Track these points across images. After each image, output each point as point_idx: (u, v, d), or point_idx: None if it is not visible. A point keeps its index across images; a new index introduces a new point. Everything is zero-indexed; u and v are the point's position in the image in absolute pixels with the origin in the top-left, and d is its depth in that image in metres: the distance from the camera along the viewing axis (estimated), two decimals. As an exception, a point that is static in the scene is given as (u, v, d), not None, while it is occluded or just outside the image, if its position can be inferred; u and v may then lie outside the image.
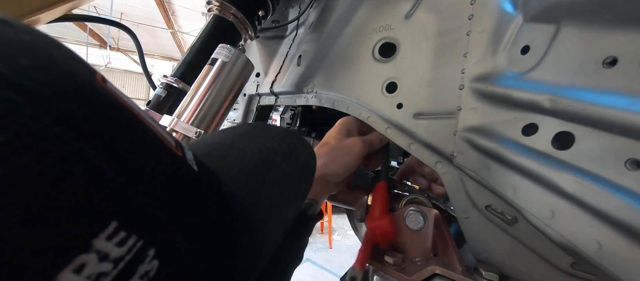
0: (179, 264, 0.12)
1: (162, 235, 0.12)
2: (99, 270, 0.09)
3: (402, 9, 0.50)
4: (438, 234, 0.46)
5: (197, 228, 0.14)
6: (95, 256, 0.09)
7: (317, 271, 2.75)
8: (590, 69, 0.31)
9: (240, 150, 0.24)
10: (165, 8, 4.41)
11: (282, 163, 0.23)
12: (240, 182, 0.20)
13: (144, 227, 0.11)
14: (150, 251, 0.11)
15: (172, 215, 0.12)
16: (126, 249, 0.10)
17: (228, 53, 0.53)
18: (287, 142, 0.25)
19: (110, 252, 0.09)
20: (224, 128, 0.34)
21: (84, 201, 0.09)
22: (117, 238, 0.10)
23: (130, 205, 0.10)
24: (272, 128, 0.31)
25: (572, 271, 0.35)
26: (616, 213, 0.28)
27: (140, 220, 0.11)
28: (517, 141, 0.36)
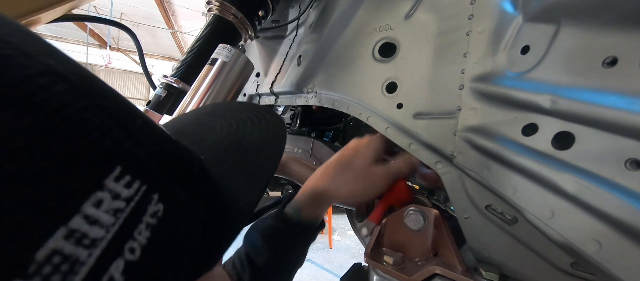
0: (181, 209, 0.14)
1: (162, 184, 0.13)
2: (114, 206, 0.11)
3: (402, 9, 0.50)
4: (438, 234, 0.46)
5: (190, 184, 0.15)
6: (108, 195, 0.11)
7: (317, 271, 2.75)
8: (590, 69, 0.31)
9: (208, 126, 0.25)
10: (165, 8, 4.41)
11: (253, 131, 0.24)
12: (216, 152, 0.21)
13: (145, 174, 0.12)
14: (154, 195, 0.12)
15: (168, 171, 0.14)
16: (133, 191, 0.12)
17: (228, 53, 0.53)
18: (253, 112, 0.26)
19: (121, 192, 0.11)
20: (185, 113, 0.35)
21: (91, 147, 0.11)
22: (124, 180, 0.11)
23: (129, 154, 0.12)
24: (235, 103, 0.32)
25: (572, 271, 0.35)
26: (616, 213, 0.28)
27: (141, 167, 0.12)
28: (517, 141, 0.36)
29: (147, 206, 0.12)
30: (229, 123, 0.25)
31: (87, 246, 0.10)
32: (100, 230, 0.10)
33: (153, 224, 0.12)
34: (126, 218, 0.11)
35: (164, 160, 0.14)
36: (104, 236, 0.10)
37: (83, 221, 0.10)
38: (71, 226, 0.09)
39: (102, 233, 0.10)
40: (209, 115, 0.28)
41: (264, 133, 0.24)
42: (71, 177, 0.10)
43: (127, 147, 0.12)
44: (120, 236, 0.11)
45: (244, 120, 0.25)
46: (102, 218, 0.10)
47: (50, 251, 0.09)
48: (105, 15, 4.33)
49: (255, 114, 0.26)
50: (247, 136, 0.24)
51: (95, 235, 0.10)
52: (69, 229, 0.09)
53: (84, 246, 0.10)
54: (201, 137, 0.23)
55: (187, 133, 0.23)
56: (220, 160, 0.20)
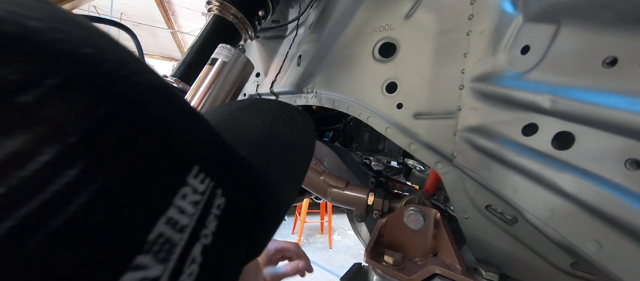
0: (237, 203, 0.16)
1: (224, 181, 0.15)
2: (194, 199, 0.13)
3: (402, 9, 0.50)
4: (438, 234, 0.46)
5: (240, 179, 0.17)
6: (190, 189, 0.13)
7: (317, 271, 2.75)
8: (590, 68, 0.31)
9: (243, 123, 0.26)
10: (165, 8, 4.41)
11: (285, 130, 0.26)
12: (253, 148, 0.22)
13: (213, 172, 0.14)
14: (218, 190, 0.14)
15: (224, 169, 0.16)
16: (205, 186, 0.14)
17: (228, 53, 0.53)
18: (283, 110, 0.28)
19: (198, 187, 0.13)
20: (216, 106, 0.34)
21: (179, 150, 0.13)
22: (199, 178, 0.13)
23: (202, 155, 0.14)
24: (264, 101, 0.33)
25: (572, 271, 0.35)
26: (616, 213, 0.28)
27: (210, 166, 0.14)
28: (517, 141, 0.36)
29: (214, 200, 0.14)
30: (262, 120, 0.26)
31: (179, 231, 0.12)
32: (186, 218, 0.12)
33: (218, 215, 0.14)
34: (202, 209, 0.13)
35: (222, 159, 0.16)
36: (188, 224, 0.13)
37: (176, 210, 0.12)
38: (169, 215, 0.12)
39: (187, 221, 0.12)
40: (242, 111, 0.29)
41: (296, 132, 0.26)
42: (167, 176, 0.12)
43: (201, 149, 0.14)
44: (199, 224, 0.13)
45: (275, 118, 0.26)
46: (187, 209, 0.13)
47: (157, 234, 0.11)
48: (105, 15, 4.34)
49: (286, 113, 0.27)
50: (281, 134, 0.25)
51: (183, 222, 0.12)
52: (167, 217, 0.12)
53: (177, 230, 0.12)
54: (238, 133, 0.25)
55: (225, 129, 0.24)
56: (258, 157, 0.21)
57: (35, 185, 0.08)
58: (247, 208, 0.17)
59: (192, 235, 0.13)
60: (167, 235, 0.11)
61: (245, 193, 0.17)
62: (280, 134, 0.25)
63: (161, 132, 0.12)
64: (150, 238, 0.11)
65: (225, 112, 0.29)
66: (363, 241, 0.87)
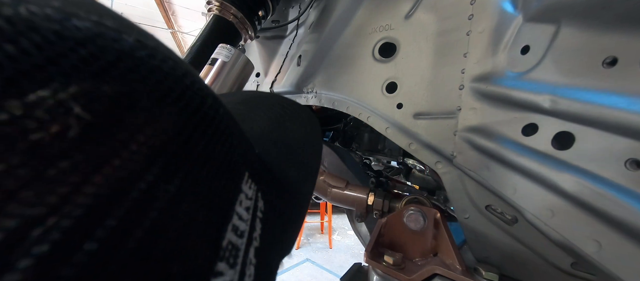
0: (271, 205, 0.17)
1: (262, 183, 0.16)
2: (247, 205, 0.13)
3: (402, 9, 0.50)
4: (438, 234, 0.46)
5: (270, 181, 0.18)
6: (244, 195, 0.13)
7: (317, 271, 2.75)
8: (590, 68, 0.31)
9: (250, 119, 0.25)
10: (165, 8, 4.41)
11: (293, 126, 0.25)
12: (265, 148, 0.22)
13: (257, 177, 0.15)
14: (259, 194, 0.15)
15: (260, 170, 0.16)
16: (253, 191, 0.14)
17: (228, 53, 0.53)
18: (286, 105, 0.27)
19: (248, 192, 0.14)
20: None
21: (237, 158, 0.13)
22: (248, 183, 0.14)
23: (249, 162, 0.14)
24: (263, 95, 0.32)
25: (572, 271, 0.35)
26: (616, 213, 0.28)
27: (255, 172, 0.15)
28: (517, 141, 0.36)
29: (258, 203, 0.15)
30: (268, 117, 0.25)
31: (240, 236, 0.12)
32: (244, 224, 0.13)
33: (261, 217, 0.15)
34: (252, 214, 0.14)
35: (258, 163, 0.17)
36: (245, 228, 0.13)
37: (237, 217, 0.12)
38: (233, 223, 0.12)
39: (245, 226, 0.13)
40: (244, 105, 0.28)
41: (302, 129, 0.26)
42: (231, 183, 0.12)
43: (248, 155, 0.15)
44: (251, 228, 0.14)
45: (281, 115, 0.26)
46: (243, 215, 0.13)
47: (228, 240, 0.12)
48: (105, 15, 4.32)
49: (289, 109, 0.27)
50: (289, 132, 0.25)
51: (242, 227, 0.13)
52: (232, 224, 0.12)
53: (239, 236, 0.12)
54: (247, 129, 0.24)
55: None
56: (273, 157, 0.21)
57: (143, 200, 0.08)
58: (278, 208, 0.18)
59: (248, 239, 0.13)
60: (233, 241, 0.12)
61: (274, 193, 0.18)
62: (288, 132, 0.25)
63: (227, 140, 0.12)
64: (224, 245, 0.11)
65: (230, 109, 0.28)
66: (363, 241, 0.87)
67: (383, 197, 0.59)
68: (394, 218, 0.50)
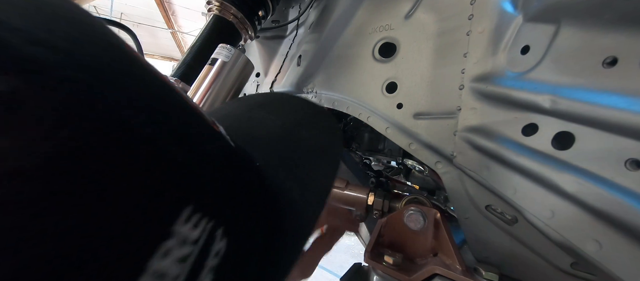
0: (242, 240, 0.12)
1: (227, 213, 0.12)
2: (181, 253, 0.09)
3: (402, 9, 0.50)
4: (438, 234, 0.46)
5: (249, 203, 0.14)
6: (177, 241, 0.09)
7: (317, 271, 2.75)
8: (590, 68, 0.31)
9: (263, 124, 0.22)
10: (165, 8, 4.41)
11: (308, 135, 0.22)
12: (271, 158, 0.18)
13: (214, 208, 0.11)
14: (219, 230, 0.11)
15: (231, 192, 0.12)
16: (200, 231, 0.10)
17: (228, 53, 0.53)
18: (306, 111, 0.24)
19: (188, 236, 0.10)
20: (237, 98, 0.31)
21: (162, 188, 0.09)
22: (192, 221, 0.10)
23: (201, 187, 0.10)
24: (285, 98, 0.28)
25: (572, 271, 0.35)
26: (616, 213, 0.28)
27: (210, 200, 0.11)
28: (517, 141, 0.36)
29: (211, 246, 0.11)
30: (283, 122, 0.22)
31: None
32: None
33: (215, 265, 0.11)
34: (192, 265, 0.10)
35: (230, 181, 0.12)
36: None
37: (149, 279, 0.08)
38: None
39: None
40: (262, 108, 0.25)
41: (320, 139, 0.22)
42: (140, 230, 0.08)
43: (201, 178, 0.11)
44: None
45: (298, 121, 0.23)
46: (169, 272, 0.09)
47: None
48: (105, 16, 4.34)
49: (309, 114, 0.24)
50: (304, 141, 0.21)
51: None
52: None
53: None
54: (256, 137, 0.20)
55: (242, 132, 0.19)
56: (278, 169, 0.18)
57: None
58: (258, 244, 0.14)
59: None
60: None
61: (258, 220, 0.14)
62: (302, 142, 0.21)
63: (141, 163, 0.08)
64: None
65: (244, 110, 0.25)
66: (363, 241, 0.87)
67: (383, 197, 0.59)
68: (394, 218, 0.50)
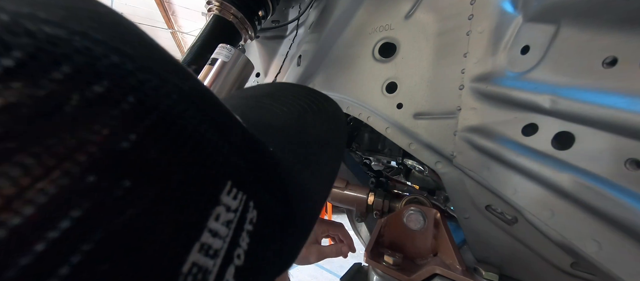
0: (268, 214, 0.15)
1: (255, 190, 0.14)
2: (227, 218, 0.12)
3: (402, 9, 0.50)
4: (438, 234, 0.46)
5: (269, 183, 0.16)
6: (224, 208, 0.12)
7: (317, 271, 2.75)
8: (590, 68, 0.31)
9: (271, 112, 0.24)
10: (165, 8, 4.41)
11: (314, 121, 0.23)
12: (282, 143, 0.20)
13: (246, 185, 0.13)
14: (250, 203, 0.13)
15: (256, 172, 0.15)
16: (238, 202, 0.13)
17: (228, 53, 0.53)
18: (312, 99, 0.25)
19: (231, 204, 0.12)
20: (242, 89, 0.32)
21: (209, 167, 0.11)
22: (232, 194, 0.12)
23: (235, 168, 0.13)
24: (291, 87, 0.30)
25: (572, 271, 0.35)
26: (616, 213, 0.28)
27: (243, 179, 0.13)
28: (517, 141, 0.36)
29: (247, 214, 0.13)
30: (290, 110, 0.24)
31: (212, 256, 0.11)
32: (220, 241, 0.11)
33: (251, 231, 0.13)
34: (235, 229, 0.12)
35: (255, 165, 0.15)
36: (222, 246, 0.11)
37: (209, 235, 0.11)
38: (202, 241, 0.11)
39: (221, 244, 0.11)
40: (269, 97, 0.26)
41: (325, 125, 0.23)
42: (200, 197, 0.11)
43: (234, 161, 0.13)
44: (232, 245, 0.12)
45: (304, 108, 0.24)
46: (220, 231, 0.11)
47: (191, 264, 0.10)
48: (105, 15, 4.32)
49: (315, 102, 0.25)
50: (310, 128, 0.23)
51: (217, 246, 0.11)
52: (201, 243, 0.10)
53: (210, 256, 0.11)
54: (265, 124, 0.22)
55: (252, 119, 0.21)
56: (287, 154, 0.19)
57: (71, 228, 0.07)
58: (278, 217, 0.16)
59: (225, 259, 0.12)
60: (201, 263, 0.10)
61: (275, 199, 0.16)
62: (309, 127, 0.23)
63: (195, 148, 0.11)
64: (185, 270, 0.10)
65: (252, 99, 0.27)
66: (363, 241, 0.87)
67: (383, 197, 0.59)
68: (394, 218, 0.50)
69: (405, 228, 0.48)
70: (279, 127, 0.22)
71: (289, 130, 0.22)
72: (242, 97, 0.29)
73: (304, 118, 0.23)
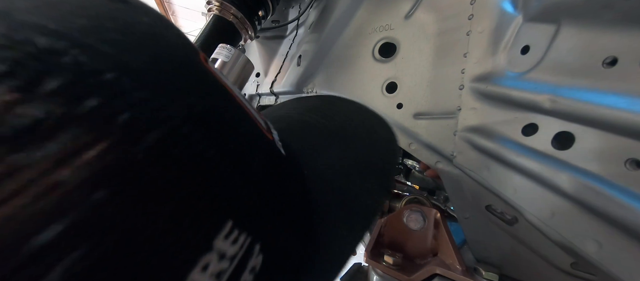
0: (278, 256, 0.13)
1: (266, 230, 0.12)
2: (219, 268, 0.10)
3: (402, 9, 0.50)
4: (438, 234, 0.46)
5: (289, 219, 0.14)
6: (216, 256, 0.10)
7: (317, 271, 2.75)
8: (590, 68, 0.31)
9: (316, 130, 0.21)
10: (165, 8, 4.41)
11: (363, 150, 0.20)
12: (319, 169, 0.17)
13: (253, 224, 0.11)
14: (256, 246, 0.11)
15: (273, 207, 0.12)
16: (239, 246, 0.10)
17: (228, 53, 0.53)
18: (363, 120, 0.22)
19: (227, 250, 0.10)
20: (289, 100, 0.29)
21: (206, 203, 0.09)
22: (232, 236, 0.10)
23: (242, 204, 0.11)
24: (341, 102, 0.26)
25: (572, 271, 0.35)
26: (616, 213, 0.28)
27: (250, 217, 0.11)
28: (517, 141, 0.36)
29: (248, 261, 0.11)
30: (337, 128, 0.21)
31: None
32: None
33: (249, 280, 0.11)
34: (227, 280, 0.10)
35: (272, 194, 0.12)
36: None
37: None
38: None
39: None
40: (317, 112, 0.23)
41: (374, 154, 0.20)
42: (188, 238, 0.09)
43: (244, 194, 0.11)
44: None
45: (352, 130, 0.21)
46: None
47: None
48: (105, 15, 4.32)
49: (364, 122, 0.22)
50: (354, 153, 0.19)
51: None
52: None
53: None
54: (308, 142, 0.19)
55: (295, 135, 0.19)
56: (323, 184, 0.17)
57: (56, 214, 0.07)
58: (293, 261, 0.13)
59: None
60: None
61: (296, 238, 0.14)
62: (354, 152, 0.19)
63: (194, 176, 0.09)
64: None
65: (299, 112, 0.24)
66: (363, 241, 0.87)
67: (383, 197, 0.59)
68: (394, 218, 0.50)
69: (405, 228, 0.48)
70: (321, 147, 0.19)
71: (331, 153, 0.19)
72: (289, 109, 0.26)
73: (352, 141, 0.20)
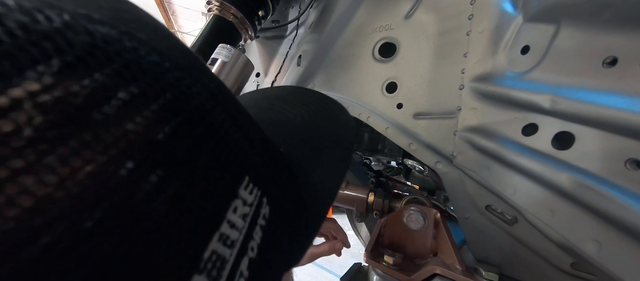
0: (279, 211, 0.16)
1: (270, 187, 0.15)
2: (244, 211, 0.13)
3: (402, 9, 0.50)
4: (438, 234, 0.46)
5: (281, 181, 0.17)
6: (241, 202, 0.12)
7: (317, 271, 2.74)
8: (590, 68, 0.31)
9: (282, 113, 0.25)
10: (165, 8, 4.41)
11: (324, 124, 0.25)
12: (293, 146, 0.21)
13: (261, 181, 0.14)
14: (264, 199, 0.14)
15: (270, 170, 0.15)
16: (254, 197, 0.13)
17: (228, 53, 0.53)
18: (322, 103, 0.27)
19: (247, 199, 0.13)
20: (254, 90, 0.33)
21: (231, 161, 0.12)
22: (249, 188, 0.13)
23: (253, 164, 0.14)
24: (303, 91, 0.31)
25: (572, 271, 0.35)
26: (616, 213, 0.28)
27: (259, 175, 0.14)
28: (517, 141, 0.36)
29: (261, 209, 0.14)
30: (300, 113, 0.25)
31: (230, 246, 0.12)
32: (237, 233, 0.12)
33: (263, 225, 0.14)
34: (250, 222, 0.13)
35: (269, 164, 0.16)
36: (238, 238, 0.12)
37: (227, 226, 0.12)
38: (222, 231, 0.11)
39: (237, 235, 0.12)
40: (280, 99, 0.28)
41: (334, 129, 0.24)
42: (221, 190, 0.12)
43: (252, 158, 0.14)
44: (247, 237, 0.13)
45: (314, 111, 0.25)
46: (237, 223, 0.12)
47: (211, 252, 0.11)
48: (105, 15, 4.32)
49: (324, 105, 0.26)
50: (320, 130, 0.24)
51: (234, 237, 0.12)
52: (220, 233, 0.11)
53: (227, 246, 0.12)
54: (277, 125, 0.23)
55: (265, 120, 0.22)
56: (298, 155, 0.20)
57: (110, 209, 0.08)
58: (289, 215, 0.17)
59: (241, 250, 0.12)
60: (219, 251, 0.11)
61: (287, 197, 0.17)
62: (319, 131, 0.24)
63: (220, 143, 0.12)
64: (205, 256, 0.10)
65: (264, 102, 0.28)
66: (363, 241, 0.87)
67: (383, 196, 0.59)
68: (394, 218, 0.50)
69: (405, 228, 0.48)
70: (290, 128, 0.23)
71: (300, 132, 0.23)
72: (254, 98, 0.30)
73: (314, 121, 0.24)
